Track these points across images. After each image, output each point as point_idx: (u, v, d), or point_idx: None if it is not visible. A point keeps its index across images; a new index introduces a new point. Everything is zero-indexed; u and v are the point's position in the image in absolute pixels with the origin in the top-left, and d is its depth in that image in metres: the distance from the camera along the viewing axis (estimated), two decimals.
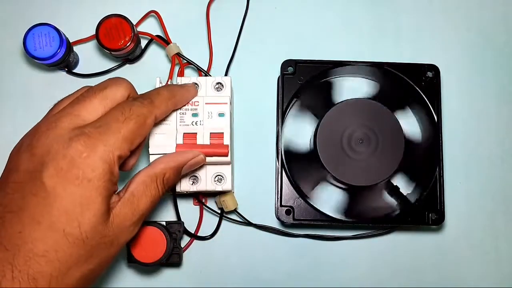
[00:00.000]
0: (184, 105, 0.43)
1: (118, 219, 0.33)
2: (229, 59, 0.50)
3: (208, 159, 0.43)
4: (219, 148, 0.42)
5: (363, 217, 0.47)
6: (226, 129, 0.43)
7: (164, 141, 0.42)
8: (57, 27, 0.47)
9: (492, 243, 0.49)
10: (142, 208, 0.35)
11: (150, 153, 0.42)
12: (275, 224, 0.48)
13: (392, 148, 0.46)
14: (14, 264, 0.29)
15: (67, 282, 0.31)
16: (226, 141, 0.42)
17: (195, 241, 0.48)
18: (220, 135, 0.42)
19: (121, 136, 0.33)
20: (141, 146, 0.38)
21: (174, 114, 0.43)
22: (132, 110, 0.34)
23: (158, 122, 0.39)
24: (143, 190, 0.35)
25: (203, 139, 0.42)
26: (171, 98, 0.40)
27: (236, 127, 0.50)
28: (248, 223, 0.48)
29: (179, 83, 0.45)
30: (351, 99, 0.47)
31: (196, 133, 0.42)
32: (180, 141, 0.42)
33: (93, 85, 0.37)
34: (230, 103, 0.44)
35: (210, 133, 0.42)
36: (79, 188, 0.31)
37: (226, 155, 0.42)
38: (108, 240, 0.32)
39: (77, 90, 0.37)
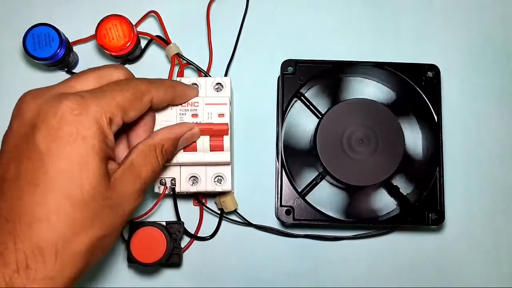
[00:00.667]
0: (183, 103, 0.42)
1: (120, 184, 0.32)
2: (229, 59, 0.50)
3: (208, 159, 0.43)
4: (218, 126, 0.42)
5: (363, 217, 0.47)
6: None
7: None
8: (57, 27, 0.47)
9: (492, 243, 0.49)
10: (144, 176, 0.34)
11: None
12: (275, 224, 0.48)
13: (392, 148, 0.46)
14: (16, 234, 0.28)
15: (75, 250, 0.29)
16: (226, 142, 0.42)
17: (195, 241, 0.48)
18: (220, 135, 0.42)
19: (115, 102, 0.32)
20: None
21: (174, 114, 0.43)
22: (129, 84, 0.34)
23: (158, 107, 0.39)
24: (142, 159, 0.35)
25: (203, 139, 0.42)
26: (171, 88, 0.39)
27: (236, 127, 0.50)
28: (248, 224, 0.48)
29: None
30: (351, 99, 0.47)
31: None
32: None
33: None
34: (230, 103, 0.44)
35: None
36: (74, 146, 0.30)
37: (226, 133, 0.42)
38: (112, 204, 0.31)
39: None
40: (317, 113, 0.48)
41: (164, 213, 0.48)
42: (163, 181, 0.44)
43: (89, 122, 0.30)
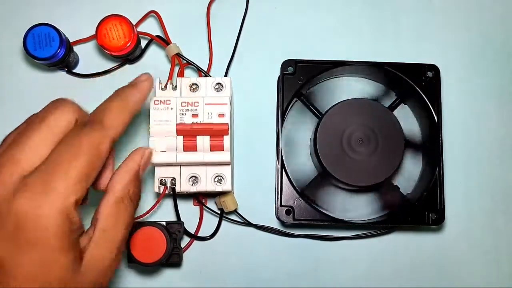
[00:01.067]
0: (138, 108, 0.36)
1: (94, 262, 0.30)
2: (229, 59, 0.50)
3: (208, 159, 0.43)
4: (219, 126, 0.42)
5: (363, 217, 0.47)
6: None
7: (164, 142, 0.42)
8: (57, 27, 0.47)
9: (492, 243, 0.49)
10: (119, 239, 0.32)
11: (153, 162, 0.42)
12: (275, 224, 0.48)
13: (392, 148, 0.46)
14: None
15: None
16: (226, 142, 0.42)
17: (195, 241, 0.48)
18: (220, 135, 0.42)
19: (72, 180, 0.28)
20: (110, 159, 0.34)
21: (174, 114, 0.43)
22: (81, 143, 0.29)
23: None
24: (113, 221, 0.31)
25: (203, 139, 0.42)
26: (124, 109, 0.33)
27: (236, 127, 0.50)
28: (248, 224, 0.48)
29: (133, 80, 0.37)
30: (351, 99, 0.47)
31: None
32: (180, 141, 0.42)
33: (64, 98, 0.33)
34: (230, 103, 0.44)
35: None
36: (35, 253, 0.27)
37: (227, 133, 0.42)
38: (89, 282, 0.29)
39: (25, 120, 0.33)
40: (317, 113, 0.48)
41: (164, 213, 0.48)
42: (163, 181, 0.44)
43: (47, 221, 0.27)
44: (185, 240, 0.48)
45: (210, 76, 0.49)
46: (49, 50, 0.46)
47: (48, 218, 0.27)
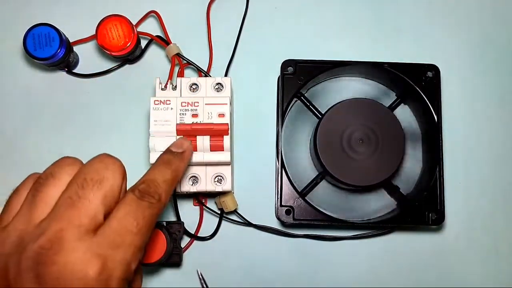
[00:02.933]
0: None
1: None
2: (229, 59, 0.50)
3: (208, 159, 0.43)
4: (219, 126, 0.42)
5: (363, 217, 0.47)
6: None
7: (164, 142, 0.42)
8: (57, 27, 0.47)
9: (492, 243, 0.49)
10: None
11: (151, 156, 0.42)
12: (275, 224, 0.48)
13: (392, 148, 0.46)
14: None
15: None
16: (226, 142, 0.42)
17: (195, 241, 0.48)
18: (220, 135, 0.42)
19: (137, 249, 0.29)
20: None
21: (174, 114, 0.43)
22: (145, 217, 0.30)
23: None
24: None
25: (203, 139, 0.42)
26: (175, 180, 0.35)
27: (236, 127, 0.50)
28: (248, 224, 0.48)
29: (176, 148, 0.38)
30: (351, 99, 0.47)
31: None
32: None
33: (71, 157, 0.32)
34: (230, 103, 0.44)
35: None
36: None
37: (227, 133, 0.42)
38: None
39: (57, 164, 0.31)
40: (317, 113, 0.48)
41: (164, 213, 0.48)
42: None
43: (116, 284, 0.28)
44: (185, 240, 0.48)
45: (210, 76, 0.49)
46: (49, 50, 0.46)
47: (116, 281, 0.28)
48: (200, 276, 0.46)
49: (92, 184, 0.29)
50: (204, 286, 0.47)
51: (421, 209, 0.46)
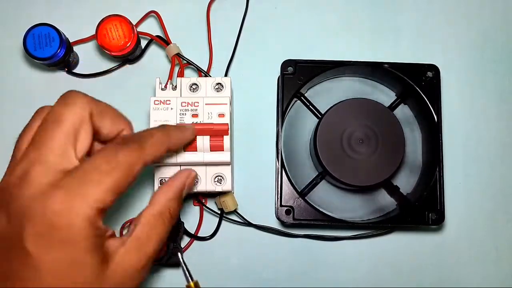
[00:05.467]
0: (178, 148, 0.40)
1: (122, 267, 0.30)
2: (229, 59, 0.50)
3: (208, 159, 0.43)
4: (219, 126, 0.42)
5: (363, 217, 0.47)
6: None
7: None
8: (57, 27, 0.47)
9: (492, 243, 0.49)
10: (150, 250, 0.32)
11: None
12: (275, 224, 0.48)
13: (392, 148, 0.46)
14: None
15: None
16: (226, 142, 0.42)
17: (195, 241, 0.48)
18: (220, 135, 0.42)
19: (104, 188, 0.29)
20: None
21: (174, 115, 0.43)
22: (118, 159, 0.30)
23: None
24: (149, 231, 0.33)
25: (203, 139, 0.42)
26: (165, 142, 0.35)
27: (236, 127, 0.50)
28: (248, 224, 0.48)
29: (179, 124, 0.41)
30: (351, 99, 0.47)
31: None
32: None
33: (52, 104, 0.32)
34: (230, 103, 0.44)
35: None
36: (65, 251, 0.28)
37: (227, 133, 0.42)
38: None
39: (33, 116, 0.33)
40: (317, 113, 0.48)
41: None
42: (163, 181, 0.44)
43: (77, 223, 0.28)
44: (185, 240, 0.48)
45: (210, 76, 0.49)
46: (49, 50, 0.46)
47: (79, 221, 0.28)
48: (182, 260, 0.45)
49: (52, 124, 0.30)
50: (186, 271, 0.45)
51: (421, 209, 0.46)
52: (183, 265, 0.44)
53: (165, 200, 0.34)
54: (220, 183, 0.44)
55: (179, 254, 0.45)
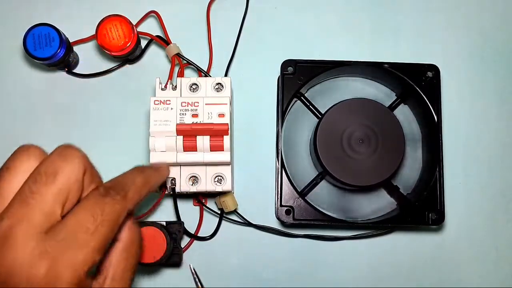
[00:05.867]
0: (155, 190, 0.38)
1: None
2: (229, 59, 0.50)
3: (208, 159, 0.43)
4: (219, 126, 0.42)
5: (363, 217, 0.47)
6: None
7: (164, 142, 0.42)
8: (57, 27, 0.47)
9: (492, 243, 0.49)
10: (128, 283, 0.31)
11: (151, 156, 0.42)
12: (275, 224, 0.48)
13: (392, 148, 0.46)
14: None
15: None
16: (226, 142, 0.42)
17: (195, 241, 0.48)
18: (220, 136, 0.42)
19: (91, 249, 0.27)
20: None
21: (174, 115, 0.43)
22: (104, 213, 0.28)
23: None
24: (123, 268, 0.31)
25: (203, 139, 0.42)
26: (146, 187, 0.33)
27: (236, 127, 0.50)
28: (248, 224, 0.48)
29: (153, 164, 0.40)
30: (351, 99, 0.47)
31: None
32: (180, 142, 0.42)
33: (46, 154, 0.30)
34: (230, 103, 0.44)
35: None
36: None
37: (227, 133, 0.42)
38: None
39: (16, 155, 0.29)
40: (317, 113, 0.48)
41: (164, 213, 0.48)
42: None
43: (63, 285, 0.26)
44: (185, 240, 0.48)
45: (210, 76, 0.49)
46: (49, 50, 0.46)
47: (66, 285, 0.26)
48: (193, 271, 0.46)
49: (46, 178, 0.27)
50: (198, 281, 0.46)
51: (421, 209, 0.46)
52: (195, 276, 0.45)
53: (128, 233, 0.32)
54: (220, 183, 0.44)
55: (191, 266, 0.46)
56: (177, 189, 0.44)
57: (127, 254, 0.31)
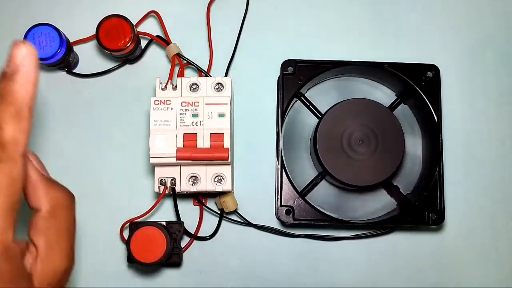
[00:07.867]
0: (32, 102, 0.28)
1: (45, 278, 0.28)
2: (229, 59, 0.50)
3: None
4: (219, 152, 0.42)
5: (363, 217, 0.47)
6: (226, 130, 0.43)
7: (164, 142, 0.42)
8: (57, 27, 0.47)
9: (492, 243, 0.49)
10: (67, 246, 0.29)
11: (151, 156, 0.42)
12: (275, 224, 0.48)
13: (392, 148, 0.46)
14: None
15: None
16: (226, 142, 0.42)
17: (195, 241, 0.48)
18: (220, 135, 0.42)
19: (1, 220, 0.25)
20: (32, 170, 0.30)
21: (174, 115, 0.43)
22: None
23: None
24: (55, 233, 0.29)
25: (203, 140, 0.42)
26: (18, 114, 0.27)
27: (236, 127, 0.50)
28: (248, 224, 0.48)
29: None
30: (351, 99, 0.47)
31: (196, 133, 0.42)
32: (180, 142, 0.42)
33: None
34: (230, 103, 0.44)
35: (210, 133, 0.43)
36: None
37: (227, 159, 0.42)
38: None
39: None
40: (317, 113, 0.48)
41: (164, 213, 0.48)
42: (163, 181, 0.44)
43: None
44: (185, 240, 0.48)
45: (210, 76, 0.49)
46: (49, 50, 0.46)
47: None
48: None
49: None
50: None
51: (421, 209, 0.46)
52: None
53: (46, 198, 0.29)
54: (220, 183, 0.44)
55: None
56: (177, 189, 0.44)
57: (55, 220, 0.29)
